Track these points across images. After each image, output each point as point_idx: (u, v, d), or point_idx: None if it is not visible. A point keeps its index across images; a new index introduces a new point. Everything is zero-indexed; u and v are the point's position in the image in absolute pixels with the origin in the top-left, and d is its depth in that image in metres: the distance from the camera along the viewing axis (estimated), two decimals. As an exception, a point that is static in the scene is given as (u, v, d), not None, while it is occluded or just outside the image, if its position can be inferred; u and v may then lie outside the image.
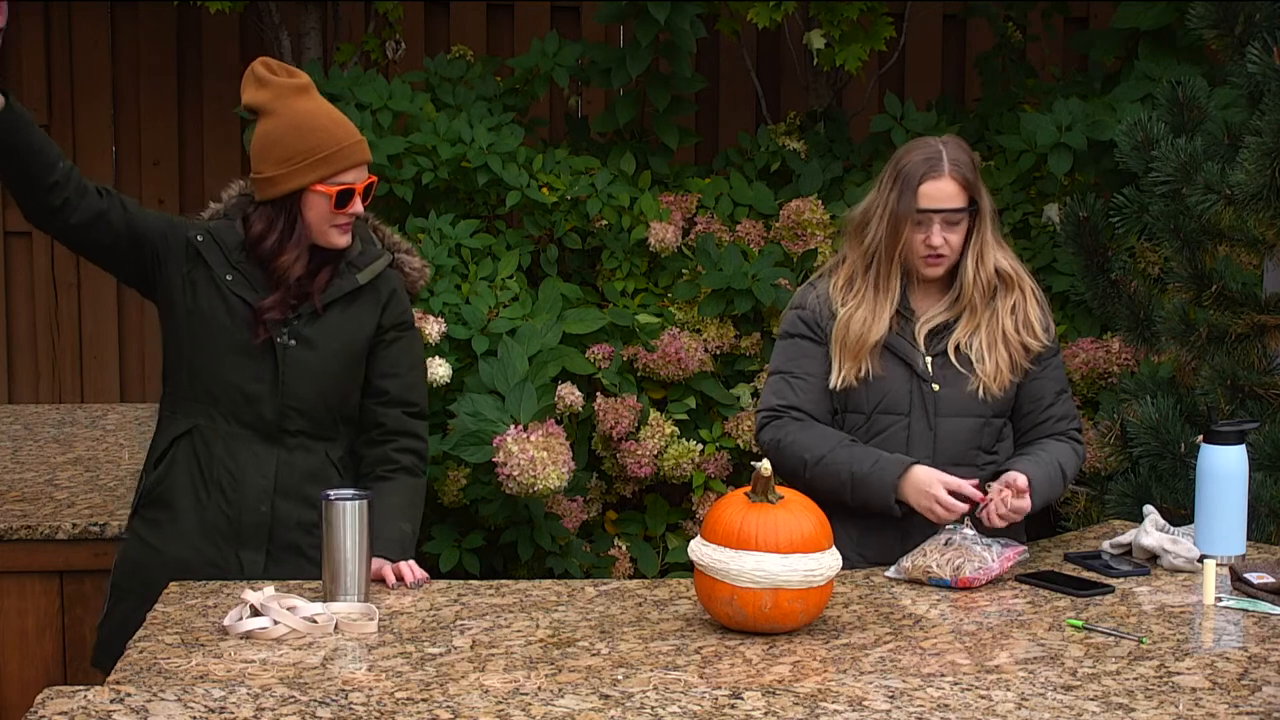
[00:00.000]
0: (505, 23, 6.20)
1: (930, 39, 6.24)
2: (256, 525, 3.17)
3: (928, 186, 3.17)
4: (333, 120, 3.15)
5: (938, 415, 3.22)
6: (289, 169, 3.11)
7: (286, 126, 3.12)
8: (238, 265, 3.18)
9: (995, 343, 3.23)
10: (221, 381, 3.16)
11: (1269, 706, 2.35)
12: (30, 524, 3.30)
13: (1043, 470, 3.19)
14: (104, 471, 3.73)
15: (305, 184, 3.11)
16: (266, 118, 3.15)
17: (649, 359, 4.86)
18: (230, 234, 3.20)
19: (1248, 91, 4.04)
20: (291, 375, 3.17)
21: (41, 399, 6.25)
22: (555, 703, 2.33)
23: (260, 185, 3.16)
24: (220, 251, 3.18)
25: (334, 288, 3.20)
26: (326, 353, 3.20)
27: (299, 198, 3.13)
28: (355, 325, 3.23)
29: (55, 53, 6.22)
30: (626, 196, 5.18)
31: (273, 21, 5.83)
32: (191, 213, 6.16)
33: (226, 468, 3.16)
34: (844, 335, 3.23)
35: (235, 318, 3.16)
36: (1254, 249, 4.21)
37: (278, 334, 3.16)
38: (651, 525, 5.06)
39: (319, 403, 3.21)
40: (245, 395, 3.16)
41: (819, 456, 3.19)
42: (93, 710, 2.26)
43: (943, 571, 2.94)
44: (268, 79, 3.15)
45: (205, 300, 3.17)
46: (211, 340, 3.17)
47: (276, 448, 3.18)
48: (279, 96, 3.13)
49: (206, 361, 3.17)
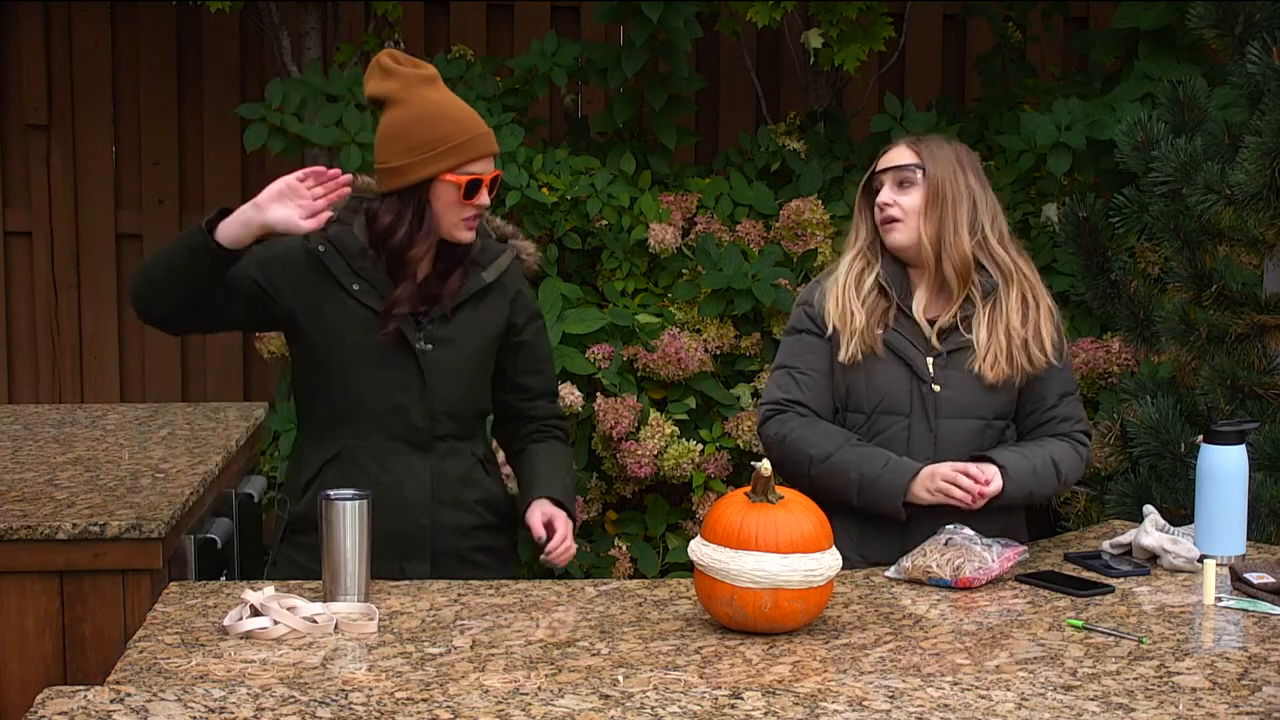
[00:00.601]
0: (505, 23, 6.20)
1: (930, 39, 6.25)
2: (419, 537, 3.16)
3: (883, 155, 3.29)
4: (462, 110, 3.11)
5: (938, 417, 3.21)
6: (418, 158, 3.06)
7: (415, 116, 3.07)
8: (362, 273, 3.12)
9: (996, 329, 3.21)
10: (367, 398, 3.13)
11: (1269, 706, 2.35)
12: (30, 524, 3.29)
13: (1027, 462, 3.17)
14: (104, 471, 3.73)
15: (434, 173, 3.06)
16: (393, 107, 3.09)
17: (649, 359, 4.86)
18: (350, 240, 3.14)
19: (1248, 91, 4.04)
20: (435, 379, 3.14)
21: (41, 399, 6.25)
22: (555, 703, 2.33)
23: (386, 175, 3.10)
24: (343, 259, 3.13)
25: (463, 289, 3.17)
26: (464, 352, 3.18)
27: (427, 188, 3.08)
28: (487, 322, 3.21)
29: (55, 53, 6.22)
30: (626, 196, 5.18)
31: (273, 21, 5.83)
32: (191, 212, 6.23)
33: (383, 483, 3.13)
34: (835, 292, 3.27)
35: (367, 330, 3.12)
36: (1254, 249, 4.21)
37: (413, 338, 3.12)
38: (651, 525, 5.06)
39: (464, 402, 3.20)
40: (393, 407, 3.13)
41: (826, 454, 3.18)
42: (93, 710, 2.26)
43: (943, 571, 2.94)
44: (394, 69, 3.10)
45: (333, 316, 3.12)
46: (348, 357, 3.12)
47: (429, 456, 3.17)
48: (407, 86, 3.08)
49: (347, 380, 3.13)
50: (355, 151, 5.09)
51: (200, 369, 6.34)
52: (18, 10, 6.18)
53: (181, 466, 3.78)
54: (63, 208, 6.26)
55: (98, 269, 6.28)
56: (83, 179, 6.27)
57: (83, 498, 3.49)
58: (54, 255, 6.28)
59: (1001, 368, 3.21)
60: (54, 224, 6.27)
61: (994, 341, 3.22)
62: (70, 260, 6.27)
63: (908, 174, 3.22)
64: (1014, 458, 3.17)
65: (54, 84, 6.23)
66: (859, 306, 3.22)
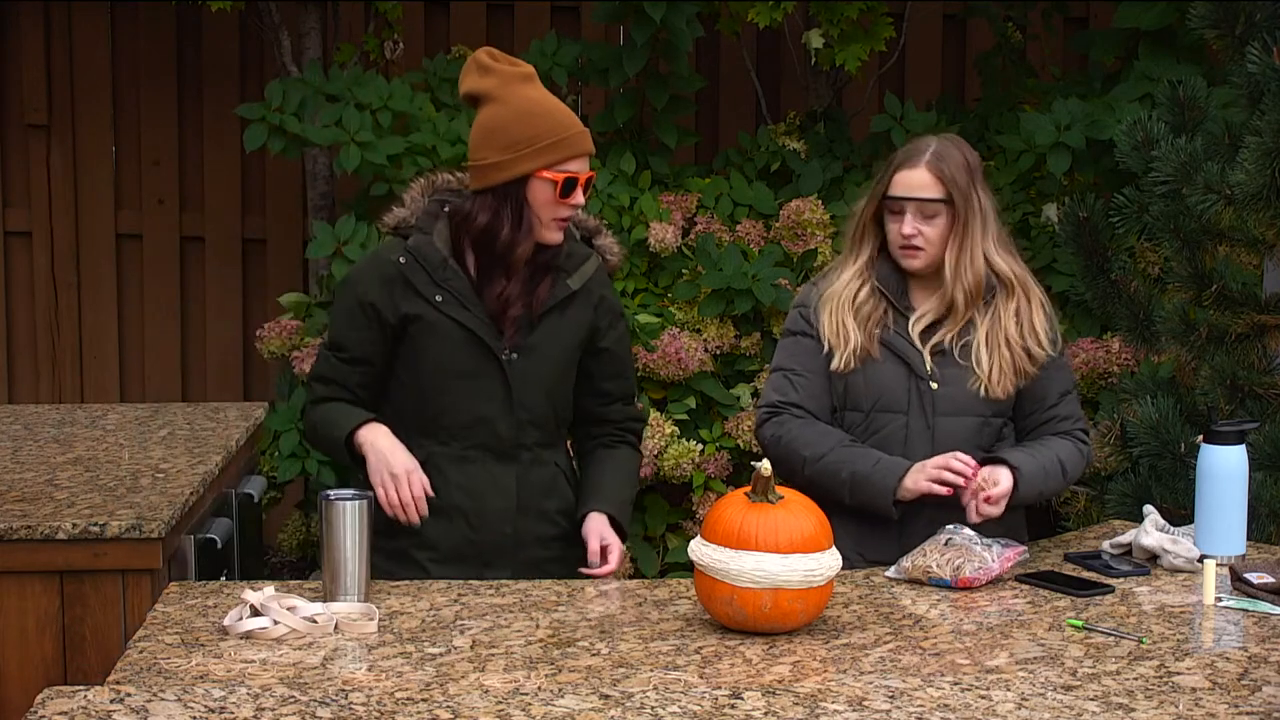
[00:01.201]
0: (505, 23, 6.20)
1: (930, 39, 6.25)
2: (500, 546, 3.15)
3: (902, 174, 3.20)
4: (559, 108, 3.08)
5: (936, 414, 3.22)
6: (515, 154, 3.03)
7: (513, 113, 3.04)
8: (444, 284, 3.10)
9: (997, 345, 3.22)
10: (453, 408, 3.11)
11: (1269, 706, 2.35)
12: (30, 524, 3.29)
13: (1036, 462, 3.18)
14: (104, 471, 3.73)
15: (531, 170, 3.03)
16: (490, 104, 3.07)
17: (649, 359, 4.86)
18: (432, 251, 3.10)
19: (1248, 91, 4.04)
20: (521, 389, 3.12)
21: (41, 399, 6.25)
22: (555, 703, 2.33)
23: (481, 172, 3.07)
24: (425, 271, 3.10)
25: (549, 297, 3.14)
26: (549, 360, 3.15)
27: (523, 185, 3.05)
28: (572, 329, 3.18)
29: (55, 53, 6.22)
30: (626, 196, 5.18)
31: (273, 21, 5.83)
32: (191, 212, 6.23)
33: (467, 493, 3.13)
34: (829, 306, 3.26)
35: (452, 340, 3.10)
36: (1254, 249, 4.21)
37: (498, 348, 3.10)
38: (651, 525, 5.06)
39: (549, 412, 3.18)
40: (478, 417, 3.12)
41: (819, 455, 3.19)
42: (93, 710, 2.26)
43: (943, 571, 2.94)
44: (492, 66, 3.08)
45: (418, 327, 3.10)
46: (434, 368, 3.11)
47: (513, 465, 3.15)
48: (505, 83, 3.06)
49: (433, 391, 3.12)
50: (354, 151, 5.09)
51: (200, 369, 6.35)
52: (18, 10, 6.18)
53: (181, 466, 3.78)
54: (63, 208, 6.26)
55: (98, 269, 6.28)
56: (83, 179, 6.27)
57: (83, 498, 3.49)
58: (54, 255, 6.28)
59: (1007, 383, 3.22)
60: (54, 224, 6.27)
61: (995, 360, 3.21)
62: (70, 260, 6.27)
63: (935, 207, 3.20)
64: (1024, 458, 3.17)
65: (54, 84, 6.23)
66: (854, 324, 3.22)
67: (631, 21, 5.27)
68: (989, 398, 3.22)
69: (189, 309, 6.33)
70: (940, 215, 3.19)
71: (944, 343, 3.23)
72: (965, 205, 3.19)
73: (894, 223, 3.21)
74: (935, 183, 3.18)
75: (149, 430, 4.20)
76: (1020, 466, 3.15)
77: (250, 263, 6.30)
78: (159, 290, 6.29)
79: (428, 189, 3.20)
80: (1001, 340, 3.22)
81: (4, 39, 6.23)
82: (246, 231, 6.29)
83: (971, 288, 3.20)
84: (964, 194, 3.19)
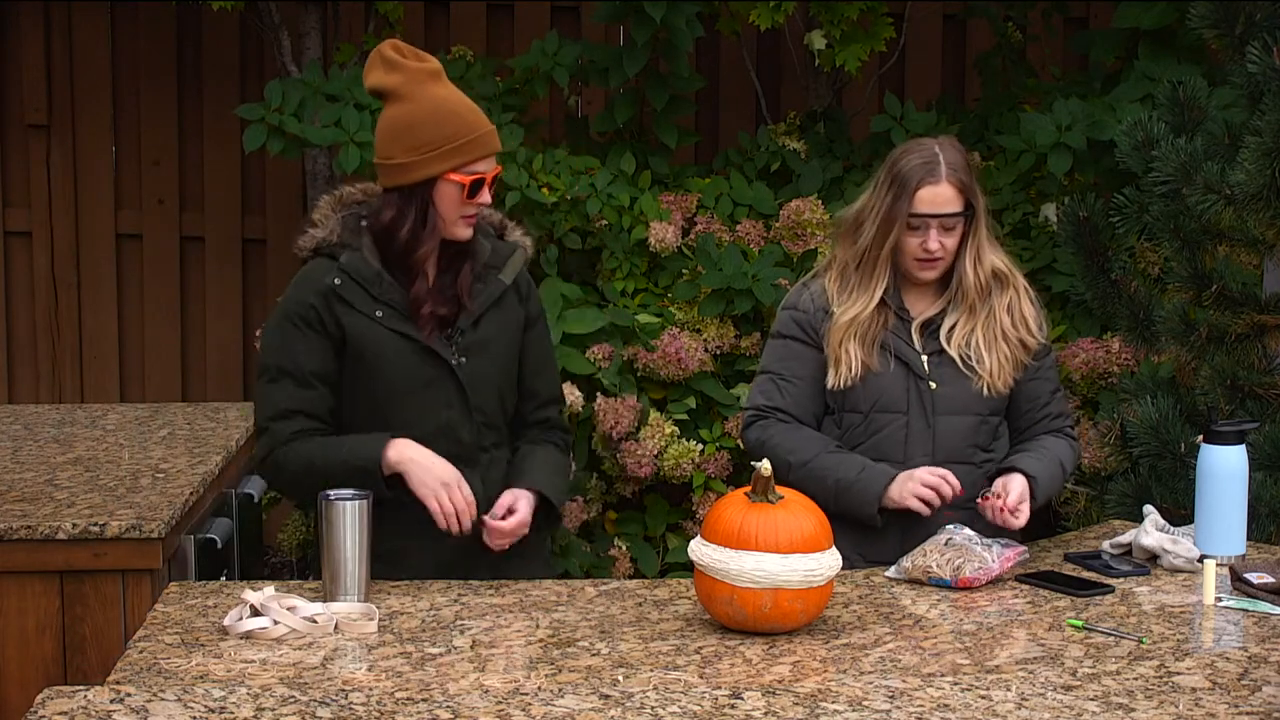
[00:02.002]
0: (505, 23, 6.20)
1: (930, 39, 6.24)
2: (475, 550, 3.10)
3: (925, 192, 3.16)
4: (467, 108, 3.06)
5: (936, 414, 3.22)
6: (423, 156, 3.01)
7: (422, 112, 3.01)
8: (381, 298, 3.07)
9: (995, 340, 3.24)
10: (413, 421, 3.07)
11: (1269, 706, 2.35)
12: (30, 524, 3.30)
13: (1046, 468, 3.21)
14: (104, 471, 3.73)
15: (439, 172, 3.02)
16: (397, 102, 3.04)
17: (649, 359, 4.86)
18: (365, 267, 3.07)
19: (1248, 91, 4.04)
20: (476, 391, 3.11)
21: (41, 399, 6.25)
22: (555, 703, 2.33)
23: (389, 171, 3.05)
24: (362, 289, 3.07)
25: (484, 294, 3.13)
26: (496, 358, 3.15)
27: (431, 186, 3.04)
28: (511, 324, 3.18)
29: (55, 53, 6.22)
30: (626, 196, 5.18)
31: (273, 21, 5.83)
32: (191, 212, 6.23)
33: None
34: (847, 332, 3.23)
35: (401, 353, 3.07)
36: (1254, 249, 4.21)
37: (447, 354, 3.08)
38: (651, 525, 5.06)
39: (501, 410, 3.18)
40: (439, 427, 3.08)
41: (804, 460, 3.20)
42: (93, 710, 2.26)
43: (943, 571, 2.94)
44: (398, 62, 3.05)
45: (368, 345, 3.06)
46: (386, 384, 3.07)
47: (476, 469, 3.12)
48: (412, 81, 3.03)
49: (392, 407, 3.08)
50: (354, 151, 5.09)
51: (200, 369, 6.34)
52: (18, 10, 6.18)
53: (181, 466, 3.78)
54: (63, 208, 6.26)
55: (98, 269, 6.28)
56: (83, 179, 6.27)
57: (83, 498, 3.49)
58: (54, 255, 6.27)
59: (1007, 377, 3.24)
60: (54, 224, 6.26)
61: (994, 356, 3.23)
62: (70, 260, 6.27)
63: (957, 219, 3.18)
64: (1037, 465, 3.19)
65: (54, 84, 6.23)
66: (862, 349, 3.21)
67: (632, 21, 5.27)
68: (990, 395, 3.23)
69: (189, 309, 6.33)
70: (958, 225, 3.19)
71: (943, 343, 3.23)
72: (980, 209, 3.20)
73: (914, 238, 3.18)
74: (958, 195, 3.17)
75: (149, 430, 4.20)
76: (1038, 476, 3.17)
77: (250, 263, 6.30)
78: (159, 290, 6.29)
79: (336, 204, 3.15)
80: (998, 335, 3.24)
81: (4, 39, 6.23)
82: (246, 231, 6.29)
83: (983, 287, 3.22)
84: (977, 199, 3.20)
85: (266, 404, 3.09)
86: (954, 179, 3.17)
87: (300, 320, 3.06)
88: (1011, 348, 3.25)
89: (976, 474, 3.23)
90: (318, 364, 3.07)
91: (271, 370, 3.08)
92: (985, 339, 3.24)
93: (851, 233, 3.27)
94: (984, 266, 3.22)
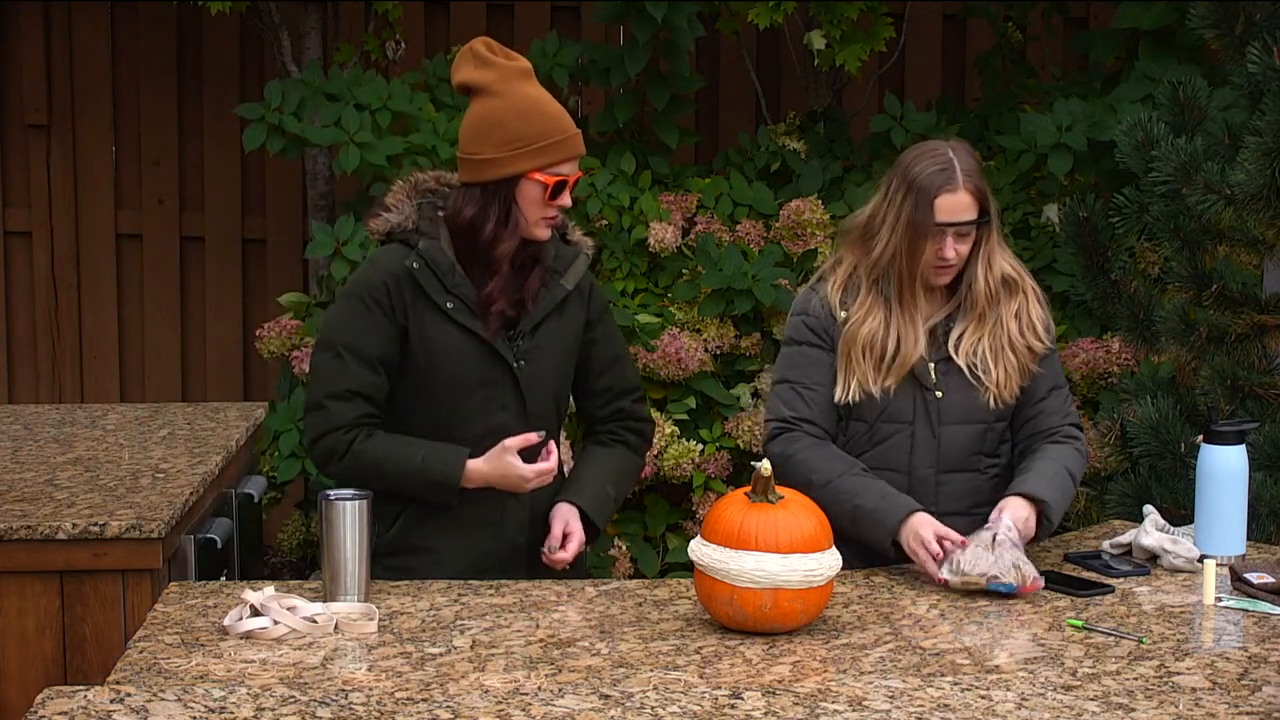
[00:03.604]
0: (505, 23, 6.20)
1: (930, 39, 6.25)
2: (516, 556, 3.12)
3: (944, 200, 3.10)
4: (557, 110, 3.05)
5: (941, 423, 3.18)
6: (510, 153, 2.99)
7: (512, 110, 3.00)
8: (454, 289, 3.04)
9: (1002, 349, 3.19)
10: (468, 419, 3.06)
11: (1269, 706, 2.35)
12: (30, 524, 3.30)
13: (1056, 489, 3.13)
14: (104, 471, 3.73)
15: (525, 170, 3.00)
16: (486, 98, 3.02)
17: (649, 359, 4.86)
18: (441, 256, 3.04)
19: (1248, 91, 4.04)
20: (532, 396, 3.10)
21: (41, 399, 6.25)
22: (555, 703, 2.33)
23: (474, 166, 3.03)
24: (436, 278, 3.04)
25: (546, 299, 3.11)
26: (553, 364, 3.13)
27: (514, 184, 3.02)
28: (571, 329, 3.16)
29: (55, 53, 6.22)
30: (626, 196, 5.18)
31: (273, 21, 5.83)
32: (191, 212, 6.23)
33: (487, 504, 3.08)
34: (859, 348, 3.16)
35: (463, 349, 3.05)
36: (1254, 249, 4.21)
37: (509, 356, 3.06)
38: (651, 525, 5.06)
39: (555, 414, 3.16)
40: (493, 427, 3.06)
41: (825, 480, 3.11)
42: (93, 710, 2.27)
43: (1008, 577, 2.88)
44: (489, 59, 3.03)
45: (433, 336, 3.04)
46: (448, 378, 3.05)
47: None
48: (503, 78, 3.02)
49: (449, 402, 3.06)
50: (354, 151, 5.09)
51: (200, 369, 6.35)
52: (18, 10, 6.18)
53: (181, 466, 3.78)
54: (63, 208, 6.26)
55: (98, 269, 6.28)
56: (83, 179, 6.27)
57: (83, 498, 3.49)
58: (54, 255, 6.27)
59: (1014, 385, 3.20)
60: (54, 224, 6.27)
61: (1001, 366, 3.18)
62: (70, 260, 6.27)
63: (973, 226, 3.15)
64: (1047, 488, 3.11)
65: (54, 84, 6.23)
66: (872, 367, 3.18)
67: (632, 21, 5.27)
68: (999, 405, 3.20)
69: (189, 309, 6.33)
70: (973, 231, 3.15)
71: (950, 352, 3.19)
72: (992, 216, 3.18)
73: (929, 245, 3.12)
74: (974, 203, 3.13)
75: (149, 430, 4.20)
76: (1050, 501, 3.08)
77: (250, 263, 6.30)
78: (159, 290, 6.29)
79: (411, 191, 3.13)
80: (1005, 344, 3.19)
81: (4, 39, 6.23)
82: (246, 231, 6.29)
83: (993, 293, 3.18)
84: (991, 205, 3.17)
85: (326, 379, 3.05)
86: (970, 185, 3.11)
87: (371, 300, 3.04)
88: (1019, 356, 3.19)
89: (981, 480, 3.21)
90: (383, 348, 3.05)
91: (336, 346, 3.06)
92: (993, 348, 3.18)
93: (863, 240, 3.21)
94: (995, 273, 3.18)
